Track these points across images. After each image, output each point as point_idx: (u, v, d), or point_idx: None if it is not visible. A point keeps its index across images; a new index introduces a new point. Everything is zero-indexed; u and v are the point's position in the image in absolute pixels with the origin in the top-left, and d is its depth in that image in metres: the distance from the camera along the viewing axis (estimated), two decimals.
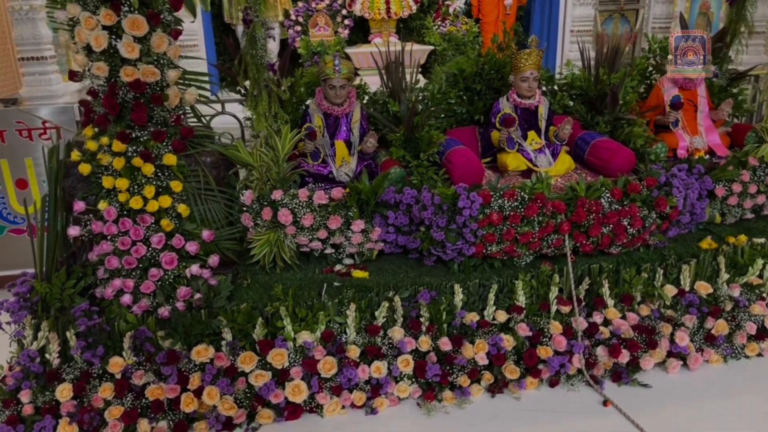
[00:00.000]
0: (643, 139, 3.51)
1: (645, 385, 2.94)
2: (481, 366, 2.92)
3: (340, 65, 3.24)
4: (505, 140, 3.41)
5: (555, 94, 3.92)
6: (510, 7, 7.87)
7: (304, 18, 7.65)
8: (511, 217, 2.91)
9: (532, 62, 3.44)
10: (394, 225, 3.04)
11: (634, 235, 3.10)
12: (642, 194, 3.06)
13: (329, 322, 2.92)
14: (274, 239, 2.94)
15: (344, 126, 3.40)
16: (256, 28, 2.86)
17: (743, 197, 3.46)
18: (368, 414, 2.80)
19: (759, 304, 3.19)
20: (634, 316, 3.10)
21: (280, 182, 2.96)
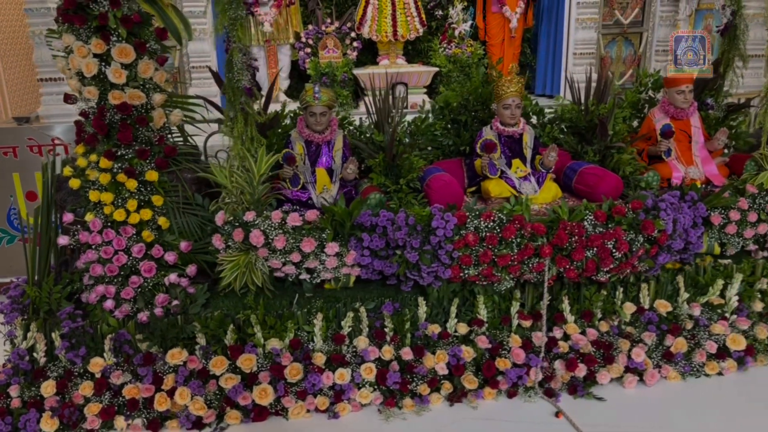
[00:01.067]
0: (632, 167, 3.52)
1: (599, 399, 3.04)
2: (440, 376, 3.05)
3: (319, 92, 3.40)
4: (486, 166, 3.46)
5: (545, 126, 3.97)
6: (515, 29, 8.03)
7: (314, 40, 7.94)
8: (488, 238, 2.92)
9: (514, 89, 3.49)
10: (369, 248, 3.04)
11: (621, 260, 3.03)
12: (628, 217, 3.02)
13: (298, 330, 3.09)
14: (245, 262, 3.02)
15: (326, 153, 3.50)
16: (233, 53, 3.08)
17: (742, 226, 3.33)
18: (330, 418, 2.96)
19: (721, 324, 3.27)
20: (593, 331, 3.21)
21: (255, 204, 3.07)
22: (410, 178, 3.37)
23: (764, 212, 3.29)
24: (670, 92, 3.76)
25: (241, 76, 3.10)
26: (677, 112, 3.75)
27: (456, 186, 3.32)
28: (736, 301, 3.31)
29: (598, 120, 3.65)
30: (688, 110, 3.75)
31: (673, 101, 3.74)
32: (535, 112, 3.97)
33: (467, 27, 8.10)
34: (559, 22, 8.07)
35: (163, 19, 3.04)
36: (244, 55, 3.32)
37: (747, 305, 3.34)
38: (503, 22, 8.07)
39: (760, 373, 3.25)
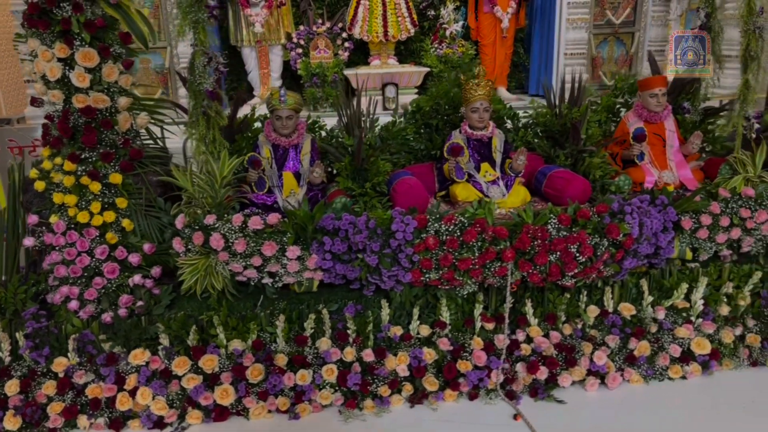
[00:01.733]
0: (602, 170, 3.51)
1: (560, 401, 3.05)
2: (401, 377, 3.07)
3: (285, 96, 3.43)
4: (453, 170, 3.46)
5: (518, 130, 3.97)
6: (507, 30, 8.02)
7: (305, 41, 7.97)
8: (449, 242, 2.93)
9: (482, 93, 3.49)
10: (331, 252, 3.03)
11: (586, 264, 3.02)
12: (592, 221, 3.01)
13: (261, 331, 3.12)
14: (204, 266, 3.03)
15: (293, 157, 3.52)
16: (195, 56, 3.11)
17: (715, 231, 3.30)
18: (291, 419, 2.99)
19: (686, 327, 3.27)
20: (557, 334, 3.22)
21: (216, 208, 3.08)
22: (376, 181, 3.39)
23: (737, 216, 3.26)
24: (643, 95, 3.75)
25: (204, 79, 3.12)
26: (651, 115, 3.74)
27: (421, 189, 3.33)
28: (702, 305, 3.30)
29: (571, 124, 3.64)
30: (661, 114, 3.74)
31: (647, 105, 3.73)
32: (509, 117, 3.98)
33: (458, 27, 8.09)
34: (552, 22, 8.06)
35: (128, 23, 3.08)
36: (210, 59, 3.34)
37: (713, 309, 3.33)
38: (495, 22, 8.05)
39: (725, 377, 3.24)
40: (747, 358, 3.28)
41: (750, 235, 3.29)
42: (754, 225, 3.25)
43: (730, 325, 3.32)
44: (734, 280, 3.35)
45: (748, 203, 3.25)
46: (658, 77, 3.76)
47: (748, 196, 3.26)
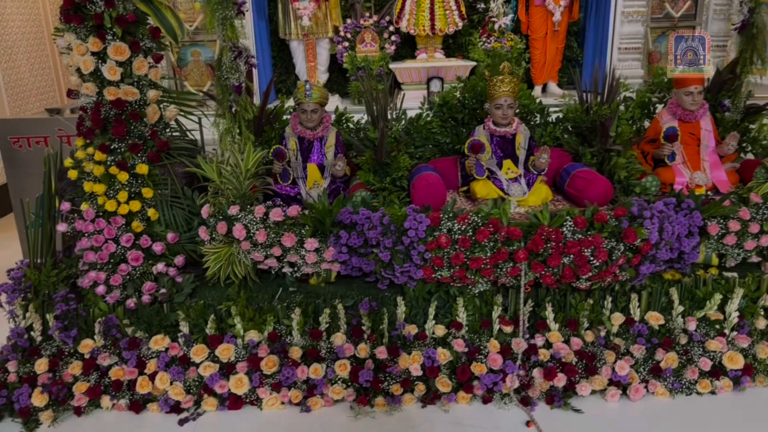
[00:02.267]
0: (627, 171, 3.39)
1: (577, 410, 2.96)
2: (414, 377, 3.05)
3: (310, 90, 3.46)
4: (473, 166, 3.42)
5: (547, 125, 3.88)
6: (558, 23, 7.79)
7: (352, 34, 7.99)
8: (461, 241, 2.91)
9: (506, 89, 3.43)
10: (347, 245, 3.07)
11: (601, 268, 2.93)
12: (609, 224, 2.92)
13: (278, 323, 3.17)
14: (227, 254, 3.12)
15: (317, 150, 3.58)
16: (223, 52, 3.16)
17: (743, 237, 3.14)
18: (303, 411, 3.02)
19: (718, 340, 3.09)
20: (578, 341, 3.11)
21: (240, 198, 3.15)
22: (396, 176, 3.37)
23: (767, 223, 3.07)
24: (678, 93, 3.57)
25: (230, 74, 3.18)
26: (685, 114, 3.56)
27: (439, 186, 3.29)
28: (737, 317, 3.12)
29: (599, 121, 3.51)
30: (697, 112, 3.56)
31: (681, 103, 3.56)
32: (538, 111, 3.88)
33: (508, 21, 7.92)
34: (606, 15, 7.77)
35: (158, 18, 3.16)
36: (239, 53, 3.40)
37: (749, 322, 3.14)
38: (546, 15, 7.84)
39: (758, 394, 3.06)
40: None
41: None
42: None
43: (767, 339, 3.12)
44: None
45: None
46: (694, 75, 3.57)
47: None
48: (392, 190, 3.39)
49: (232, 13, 3.17)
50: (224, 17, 3.14)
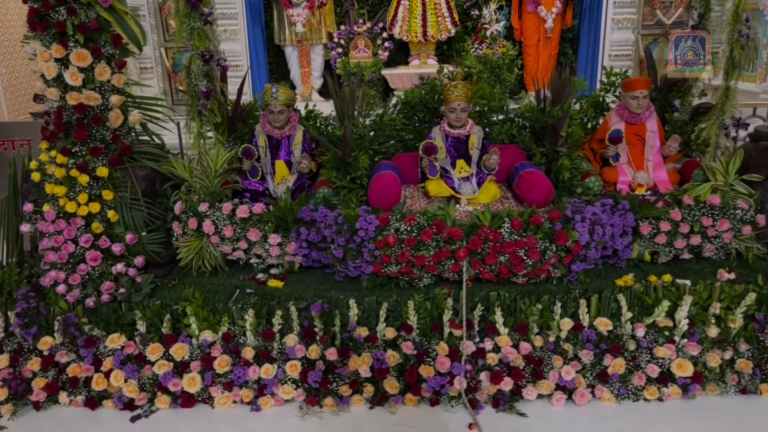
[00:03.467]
0: (570, 172, 3.50)
1: (522, 414, 2.98)
2: (363, 378, 3.10)
3: (276, 92, 3.60)
4: (427, 167, 3.57)
5: (504, 123, 3.99)
6: (551, 30, 7.80)
7: (346, 40, 8.08)
8: (407, 240, 3.09)
9: (459, 94, 3.56)
10: (306, 240, 3.29)
11: (535, 266, 3.12)
12: (544, 227, 3.10)
13: (232, 324, 3.24)
14: (198, 247, 3.34)
15: (285, 147, 3.75)
16: (192, 60, 3.26)
17: (674, 237, 3.30)
18: (253, 410, 3.08)
19: (667, 347, 3.10)
20: (527, 345, 3.14)
21: (210, 196, 3.33)
22: (355, 175, 3.48)
23: (699, 224, 3.20)
24: (625, 96, 3.69)
25: (199, 81, 3.30)
26: (631, 116, 3.70)
27: (394, 187, 3.43)
28: (687, 325, 3.12)
29: (549, 122, 3.58)
30: (643, 115, 3.67)
31: (628, 106, 3.68)
32: (498, 109, 3.96)
33: (500, 27, 7.95)
34: (599, 22, 7.78)
35: (121, 25, 3.26)
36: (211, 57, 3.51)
37: (700, 330, 3.14)
38: (539, 22, 7.88)
39: (708, 402, 3.06)
40: (735, 385, 3.07)
41: (710, 242, 3.20)
42: (715, 233, 3.15)
43: (720, 348, 3.12)
44: (725, 301, 3.15)
45: (712, 212, 3.12)
46: (640, 79, 3.70)
47: (713, 204, 3.14)
48: (352, 188, 3.51)
49: (199, 24, 3.26)
50: (192, 28, 3.24)
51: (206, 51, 3.47)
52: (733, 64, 3.30)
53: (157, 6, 7.31)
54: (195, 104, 3.37)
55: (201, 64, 3.38)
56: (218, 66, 3.66)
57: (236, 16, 7.34)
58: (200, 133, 3.32)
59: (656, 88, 4.01)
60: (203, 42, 3.29)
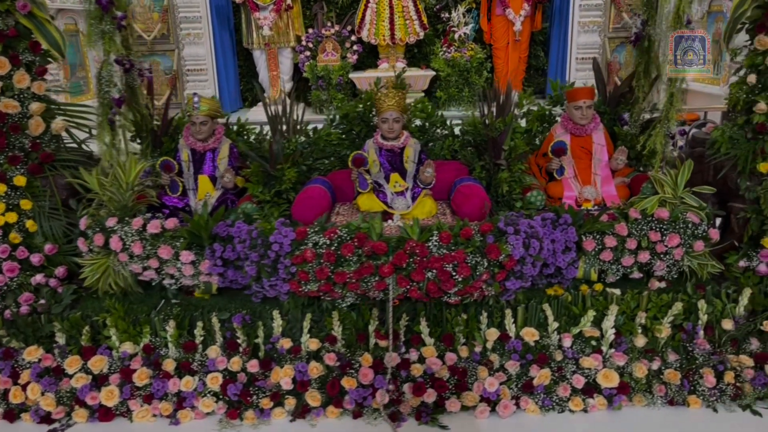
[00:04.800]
0: (508, 185, 3.39)
1: (444, 427, 2.92)
2: (285, 390, 3.04)
3: (198, 103, 3.46)
4: (356, 180, 3.44)
5: (446, 138, 3.88)
6: (519, 33, 7.77)
7: (314, 44, 8.02)
8: (326, 255, 2.90)
9: (391, 103, 3.42)
10: (222, 258, 3.06)
11: (466, 282, 2.92)
12: (474, 240, 2.92)
13: (154, 336, 3.17)
14: (105, 265, 3.15)
15: (209, 161, 3.59)
16: (103, 66, 3.19)
17: (621, 253, 3.09)
18: (172, 424, 3.02)
19: (593, 358, 3.05)
20: (453, 356, 3.09)
21: (122, 210, 3.17)
22: (280, 189, 3.38)
23: (646, 239, 3.02)
24: (569, 107, 3.55)
25: (110, 87, 3.21)
26: (576, 128, 3.54)
27: (320, 200, 3.30)
28: (613, 335, 3.07)
29: (490, 136, 3.49)
30: (588, 126, 3.53)
31: (572, 116, 3.53)
32: (440, 123, 3.87)
33: (468, 30, 7.92)
34: (567, 25, 7.75)
35: (41, 32, 3.20)
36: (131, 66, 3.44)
37: (627, 340, 3.09)
38: (507, 25, 7.86)
39: (634, 413, 3.01)
40: (663, 396, 3.02)
41: (660, 259, 3.04)
42: (664, 249, 3.00)
43: (647, 358, 3.07)
44: (651, 310, 3.09)
45: (659, 226, 3.00)
46: (583, 89, 3.55)
47: (661, 218, 3.02)
48: (279, 202, 3.39)
49: (110, 28, 3.19)
50: (102, 31, 3.17)
51: (126, 60, 3.40)
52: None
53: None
54: (106, 112, 3.26)
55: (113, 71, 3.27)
56: (140, 76, 3.60)
57: (200, 20, 7.30)
58: (112, 144, 3.21)
59: (605, 101, 3.92)
60: (114, 47, 3.20)
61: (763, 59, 3.16)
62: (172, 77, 7.59)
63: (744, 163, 3.14)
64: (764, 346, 3.09)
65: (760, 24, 3.13)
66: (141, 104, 3.66)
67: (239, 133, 3.88)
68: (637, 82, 3.62)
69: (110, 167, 3.25)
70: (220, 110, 3.61)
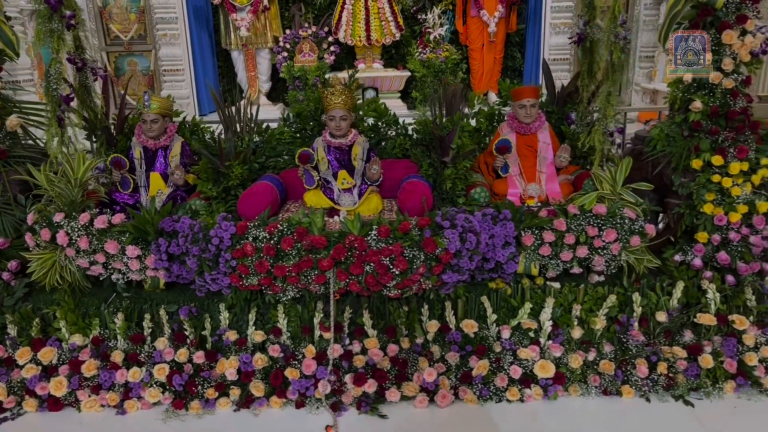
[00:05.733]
0: (452, 182, 3.47)
1: (382, 416, 3.00)
2: (229, 381, 3.11)
3: (149, 101, 3.53)
4: (303, 177, 3.51)
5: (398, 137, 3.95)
6: (494, 34, 7.85)
7: (291, 44, 8.10)
8: (265, 248, 2.96)
9: (338, 101, 3.48)
10: (167, 253, 3.11)
11: (403, 276, 2.98)
12: (411, 234, 2.98)
13: (104, 328, 3.25)
14: (52, 260, 3.21)
15: (161, 158, 3.67)
16: (51, 63, 3.26)
17: (559, 248, 3.16)
18: (118, 414, 3.09)
19: (531, 349, 3.13)
20: (394, 347, 3.16)
21: (70, 206, 3.24)
22: (227, 185, 3.46)
23: (584, 234, 3.10)
24: (514, 106, 3.64)
25: (58, 85, 3.28)
26: (521, 126, 3.62)
27: (264, 196, 3.38)
28: (550, 326, 3.16)
29: (436, 135, 3.56)
30: (533, 125, 3.61)
31: (517, 115, 3.62)
32: (393, 122, 3.94)
33: (442, 31, 8.00)
34: (540, 26, 7.84)
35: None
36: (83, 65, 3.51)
37: (565, 332, 3.18)
38: (482, 26, 7.93)
39: (570, 403, 3.09)
40: (597, 386, 3.10)
41: (598, 254, 3.12)
42: (602, 244, 3.08)
43: (583, 349, 3.15)
44: (587, 303, 3.18)
45: (597, 221, 3.08)
46: (527, 88, 3.63)
47: (598, 213, 3.10)
48: (227, 199, 3.47)
49: (59, 27, 3.25)
50: (51, 30, 3.23)
51: (79, 58, 3.47)
52: (613, 68, 3.30)
53: (97, 10, 7.34)
54: (54, 110, 3.33)
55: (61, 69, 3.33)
56: (94, 75, 3.67)
57: (176, 21, 7.36)
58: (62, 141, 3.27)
59: (553, 100, 4.01)
60: (63, 45, 3.26)
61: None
62: (150, 77, 7.66)
63: (678, 160, 3.23)
64: (698, 338, 3.17)
65: (694, 23, 3.22)
66: (95, 102, 3.73)
67: (194, 132, 3.94)
68: (582, 82, 3.69)
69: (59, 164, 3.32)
70: (171, 109, 3.68)
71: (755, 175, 3.17)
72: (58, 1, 3.27)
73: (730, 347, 3.12)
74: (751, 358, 3.10)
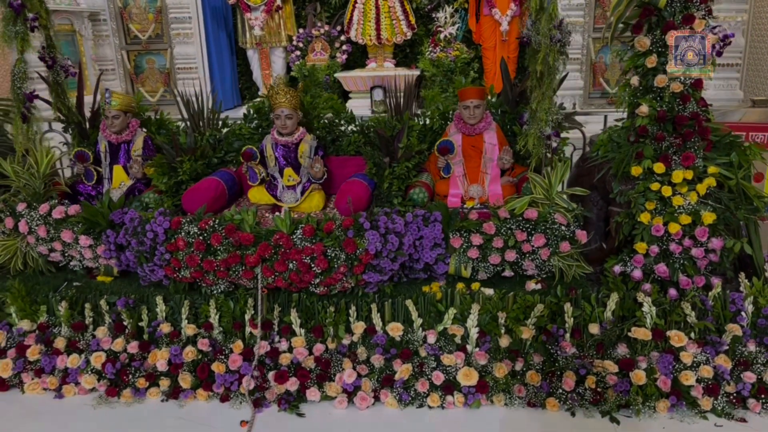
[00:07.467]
0: (389, 182, 3.47)
1: (300, 414, 3.03)
2: (159, 372, 3.21)
3: (110, 98, 3.71)
4: (246, 173, 3.61)
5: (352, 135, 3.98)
6: (507, 33, 7.71)
7: (304, 43, 8.21)
8: (196, 243, 3.09)
9: (283, 101, 3.56)
10: (116, 243, 3.31)
11: (326, 274, 3.06)
12: (334, 234, 3.04)
13: (52, 315, 3.41)
14: (14, 247, 3.48)
15: (124, 153, 3.86)
16: (17, 63, 3.45)
17: (487, 251, 3.14)
18: (56, 397, 3.24)
19: (456, 355, 3.08)
20: (321, 347, 3.18)
21: (34, 197, 3.48)
22: (178, 179, 3.58)
23: (513, 238, 3.03)
24: (459, 107, 3.58)
25: (23, 83, 3.47)
26: (466, 127, 3.57)
27: (207, 192, 3.51)
28: (477, 333, 3.10)
29: (380, 134, 3.56)
30: (478, 126, 3.55)
31: (462, 116, 3.56)
32: (349, 120, 3.96)
33: (454, 30, 7.92)
34: None
35: None
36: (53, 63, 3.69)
37: (493, 339, 3.11)
38: (495, 25, 7.81)
39: (492, 413, 3.01)
40: (522, 397, 3.02)
41: (528, 259, 3.04)
42: (531, 249, 3.01)
43: (510, 358, 3.08)
44: (515, 311, 3.10)
45: (527, 226, 3.01)
46: (471, 89, 3.57)
47: (529, 218, 3.02)
48: (179, 192, 3.60)
49: (22, 29, 3.44)
50: (15, 32, 3.42)
51: (49, 57, 3.66)
52: (549, 71, 3.22)
53: (117, 10, 7.65)
54: (19, 107, 3.53)
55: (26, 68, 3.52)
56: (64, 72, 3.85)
57: (190, 20, 7.59)
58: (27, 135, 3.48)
59: (507, 101, 3.92)
60: (28, 46, 3.45)
61: (644, 60, 3.11)
62: (166, 74, 7.93)
63: (618, 166, 3.10)
64: (632, 353, 3.04)
65: (637, 24, 3.09)
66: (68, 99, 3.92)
67: (161, 126, 4.09)
68: (532, 82, 3.59)
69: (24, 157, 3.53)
70: (133, 105, 3.84)
71: (701, 184, 3.01)
72: (21, 4, 3.46)
73: (666, 364, 2.97)
74: (687, 377, 2.94)
